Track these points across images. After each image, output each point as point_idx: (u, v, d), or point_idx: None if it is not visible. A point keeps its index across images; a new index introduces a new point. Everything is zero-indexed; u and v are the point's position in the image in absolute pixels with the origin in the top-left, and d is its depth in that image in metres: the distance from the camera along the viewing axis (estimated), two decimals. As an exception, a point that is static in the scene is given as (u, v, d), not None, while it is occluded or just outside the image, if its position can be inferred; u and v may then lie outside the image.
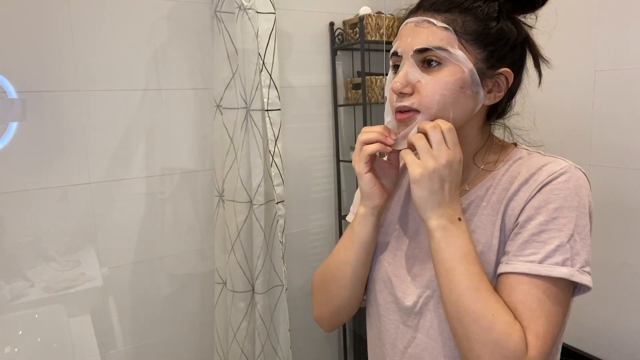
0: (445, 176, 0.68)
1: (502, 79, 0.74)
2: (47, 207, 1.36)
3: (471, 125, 0.76)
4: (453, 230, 0.68)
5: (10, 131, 1.30)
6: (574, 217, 0.68)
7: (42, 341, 1.37)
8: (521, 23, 0.76)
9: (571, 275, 0.65)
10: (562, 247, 0.66)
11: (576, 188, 0.69)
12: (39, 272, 1.37)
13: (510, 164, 0.75)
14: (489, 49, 0.71)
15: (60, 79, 1.35)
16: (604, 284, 1.46)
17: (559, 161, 0.72)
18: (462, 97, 0.71)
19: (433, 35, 0.70)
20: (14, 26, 1.28)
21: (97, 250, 1.45)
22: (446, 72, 0.70)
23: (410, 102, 0.72)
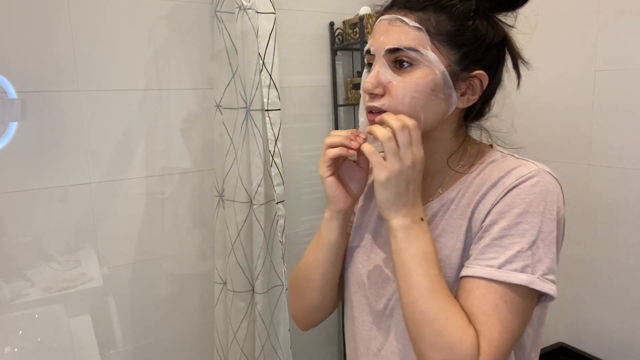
0: (410, 177, 0.67)
1: (476, 82, 0.71)
2: (47, 207, 1.36)
3: (445, 128, 0.74)
4: (415, 230, 0.67)
5: (10, 131, 1.30)
6: (538, 222, 0.64)
7: (42, 341, 1.37)
8: (499, 23, 0.73)
9: (530, 283, 0.62)
10: (522, 253, 0.63)
11: (543, 193, 0.66)
12: (39, 272, 1.37)
13: (484, 167, 0.73)
14: (462, 50, 0.69)
15: (60, 79, 1.35)
16: (604, 283, 1.46)
17: (528, 165, 0.69)
18: (433, 100, 0.69)
19: (405, 35, 0.68)
20: (14, 26, 1.28)
21: (97, 250, 1.45)
22: (417, 73, 0.68)
23: (380, 103, 0.70)
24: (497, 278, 0.62)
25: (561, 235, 0.69)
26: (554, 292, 0.64)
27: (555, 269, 0.66)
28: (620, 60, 1.36)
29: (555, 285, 0.64)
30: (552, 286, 0.64)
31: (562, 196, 0.69)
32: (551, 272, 0.65)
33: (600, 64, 1.41)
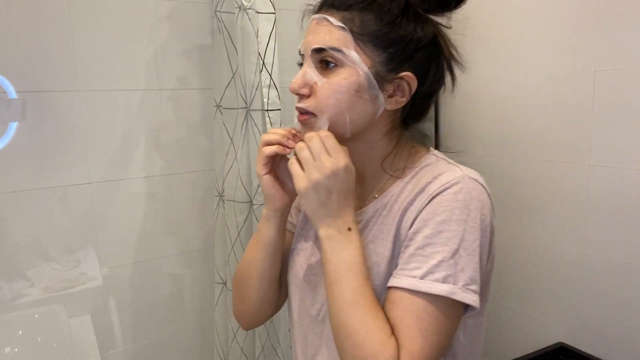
0: (332, 186, 0.65)
1: (404, 84, 0.69)
2: (47, 207, 1.36)
3: (375, 130, 0.73)
4: (340, 241, 0.66)
5: (10, 131, 1.30)
6: (460, 231, 0.63)
7: (42, 341, 1.37)
8: (431, 22, 0.71)
9: (452, 293, 0.61)
10: (444, 262, 0.62)
11: (466, 200, 0.64)
12: (39, 272, 1.37)
13: (417, 171, 0.72)
14: (388, 50, 0.67)
15: (60, 79, 1.35)
16: (604, 284, 1.46)
17: (454, 171, 0.68)
18: (358, 102, 0.68)
19: (330, 34, 0.67)
20: (13, 26, 1.28)
21: (97, 250, 1.45)
22: (342, 74, 0.67)
23: (307, 104, 0.69)
24: (419, 289, 0.61)
25: (488, 243, 0.67)
26: (476, 302, 0.62)
27: (477, 279, 0.63)
28: (620, 60, 1.36)
29: (477, 296, 0.62)
30: (473, 296, 0.62)
31: (489, 203, 0.67)
32: (473, 282, 0.62)
33: (600, 64, 1.41)
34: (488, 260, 0.68)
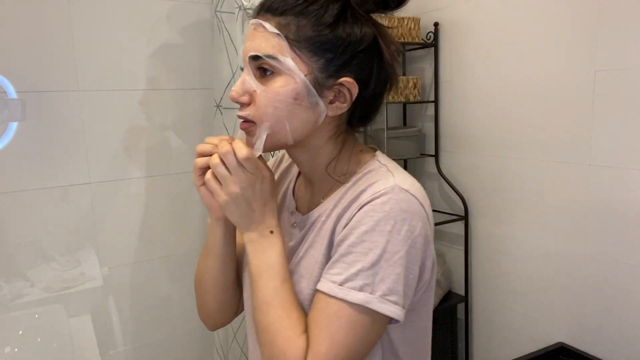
0: (250, 197, 0.67)
1: (344, 89, 0.67)
2: (47, 207, 1.36)
3: (319, 136, 0.71)
4: (261, 244, 0.68)
5: (10, 131, 1.30)
6: (382, 242, 0.62)
7: (42, 341, 1.37)
8: (370, 24, 0.69)
9: (367, 302, 0.61)
10: (363, 272, 0.62)
11: (393, 211, 0.63)
12: (39, 272, 1.37)
13: (360, 177, 0.70)
14: (326, 56, 0.65)
15: (60, 79, 1.35)
16: (604, 283, 1.46)
17: (387, 179, 0.66)
18: (298, 110, 0.66)
19: (266, 41, 0.65)
20: (14, 26, 1.28)
21: (97, 250, 1.45)
22: (278, 82, 0.65)
23: (246, 113, 0.68)
24: (336, 295, 0.62)
25: (420, 254, 0.65)
26: (394, 313, 0.62)
27: (399, 290, 0.62)
28: (620, 60, 1.36)
29: (397, 307, 0.62)
30: (392, 307, 0.62)
31: (421, 214, 0.65)
32: (393, 293, 0.62)
33: (600, 64, 1.41)
34: (424, 269, 0.67)
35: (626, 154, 1.37)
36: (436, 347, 1.92)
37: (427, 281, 0.69)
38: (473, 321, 1.94)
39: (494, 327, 1.85)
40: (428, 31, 1.91)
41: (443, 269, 1.95)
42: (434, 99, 1.94)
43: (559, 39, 1.50)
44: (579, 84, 1.46)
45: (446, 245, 2.02)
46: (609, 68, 1.39)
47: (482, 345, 1.92)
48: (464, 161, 1.88)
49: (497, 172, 1.76)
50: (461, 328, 1.97)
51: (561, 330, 1.60)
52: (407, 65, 2.09)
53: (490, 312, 1.86)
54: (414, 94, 1.92)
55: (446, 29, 1.88)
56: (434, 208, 2.00)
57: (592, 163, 1.45)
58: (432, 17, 1.91)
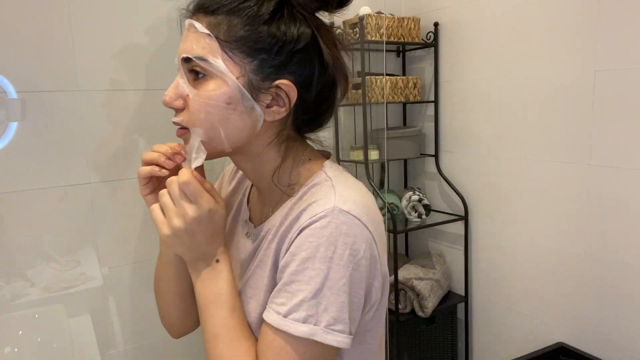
0: (195, 230, 0.63)
1: (282, 93, 0.63)
2: (47, 207, 1.36)
3: (259, 143, 0.67)
4: (207, 273, 0.65)
5: (10, 131, 1.30)
6: (324, 269, 0.58)
7: (42, 341, 1.37)
8: (309, 22, 0.64)
9: (312, 335, 0.58)
10: (305, 302, 0.58)
11: (334, 236, 0.59)
12: (39, 272, 1.36)
13: (305, 191, 0.65)
14: (260, 57, 0.61)
15: (60, 79, 1.35)
16: (604, 284, 1.46)
17: (328, 199, 0.61)
18: (232, 115, 0.62)
19: (196, 42, 0.62)
20: (13, 26, 1.28)
21: (97, 250, 1.45)
22: (210, 85, 0.61)
23: (180, 118, 0.65)
24: (280, 327, 0.59)
25: (365, 277, 0.61)
26: (341, 343, 0.59)
27: (344, 318, 0.59)
28: (620, 60, 1.36)
29: (343, 335, 0.59)
30: (338, 337, 0.59)
31: (364, 235, 0.61)
32: (338, 322, 0.59)
33: (600, 64, 1.41)
34: (371, 290, 0.63)
35: (626, 154, 1.37)
36: (436, 347, 1.92)
37: (378, 299, 0.66)
38: (473, 321, 1.94)
39: (494, 327, 1.85)
40: (428, 31, 1.91)
41: (443, 269, 1.95)
42: (434, 99, 1.94)
43: (559, 39, 1.50)
44: (579, 84, 1.46)
45: (446, 245, 2.02)
46: (609, 68, 1.39)
47: (482, 345, 1.92)
48: (464, 161, 1.88)
49: (497, 172, 1.76)
50: (461, 328, 1.97)
51: (561, 330, 1.60)
52: (407, 65, 2.09)
53: (490, 312, 1.86)
54: (414, 94, 1.92)
55: (446, 29, 1.88)
56: (434, 208, 2.00)
57: (592, 163, 1.45)
58: (432, 17, 1.91)
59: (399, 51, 2.07)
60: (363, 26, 1.71)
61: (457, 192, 1.89)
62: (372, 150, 1.83)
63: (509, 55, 1.66)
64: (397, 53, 2.07)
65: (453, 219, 1.90)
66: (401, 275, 1.85)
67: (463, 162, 1.89)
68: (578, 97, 1.47)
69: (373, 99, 1.78)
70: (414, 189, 1.95)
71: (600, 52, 1.40)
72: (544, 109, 1.57)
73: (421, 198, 1.88)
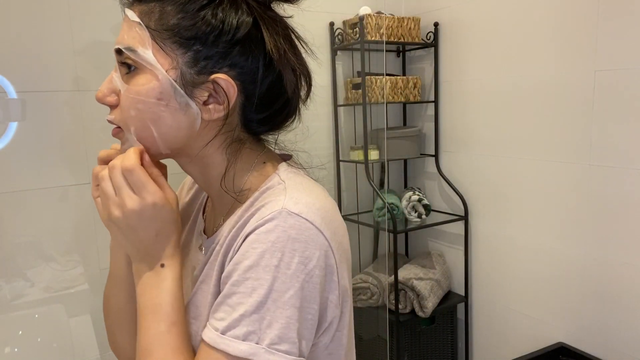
0: (136, 225, 0.56)
1: (219, 88, 0.56)
2: (47, 207, 1.36)
3: (199, 145, 0.60)
4: (150, 278, 0.58)
5: (10, 131, 1.30)
6: (269, 279, 0.51)
7: (42, 341, 1.37)
8: (250, 10, 0.57)
9: (252, 354, 0.50)
10: (246, 317, 0.51)
11: (281, 241, 0.52)
12: (39, 272, 1.37)
13: (257, 196, 0.59)
14: (194, 48, 0.55)
15: (60, 79, 1.35)
16: (604, 284, 1.46)
17: (277, 201, 0.55)
18: (164, 112, 0.56)
19: (128, 32, 0.57)
20: (13, 26, 1.28)
21: (97, 250, 1.45)
22: (140, 79, 0.56)
23: (112, 116, 0.60)
24: (217, 346, 0.51)
25: (319, 289, 0.54)
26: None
27: (291, 336, 0.52)
28: (620, 60, 1.36)
29: (291, 357, 0.51)
30: (282, 358, 0.51)
31: (318, 241, 0.54)
32: (284, 341, 0.51)
33: (600, 64, 1.41)
34: (327, 306, 0.56)
35: (626, 154, 1.37)
36: (436, 347, 1.92)
37: (337, 317, 0.58)
38: (473, 321, 1.94)
39: (494, 327, 1.85)
40: (428, 31, 1.91)
41: (443, 269, 1.95)
42: (434, 99, 1.94)
43: (559, 39, 1.50)
44: (579, 84, 1.46)
45: (446, 245, 2.02)
46: (609, 68, 1.39)
47: (482, 345, 1.92)
48: (464, 161, 1.88)
49: (497, 172, 1.76)
50: (461, 328, 1.97)
51: (561, 330, 1.60)
52: (407, 65, 2.09)
53: (490, 312, 1.86)
54: (414, 94, 1.92)
55: (446, 29, 1.88)
56: (434, 208, 2.00)
57: (592, 163, 1.45)
58: (432, 17, 1.91)
59: (399, 51, 2.07)
60: (363, 26, 1.71)
61: (457, 192, 1.89)
62: (372, 150, 1.83)
63: (509, 55, 1.66)
64: (397, 53, 2.07)
65: (453, 219, 1.90)
66: (401, 275, 1.85)
67: (463, 162, 1.89)
68: (578, 97, 1.47)
69: (373, 99, 1.78)
70: (414, 189, 1.95)
71: (600, 52, 1.40)
72: (544, 109, 1.57)
73: (421, 198, 1.88)
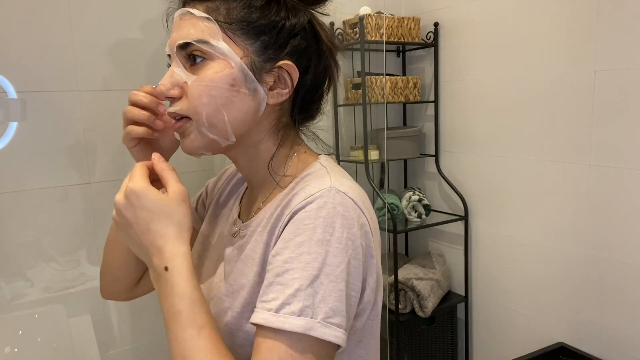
0: (127, 217, 0.60)
1: (284, 74, 0.62)
2: (47, 207, 1.36)
3: (260, 130, 0.65)
4: (161, 285, 0.57)
5: (10, 131, 1.30)
6: (322, 253, 0.53)
7: (42, 341, 1.37)
8: (302, 8, 0.65)
9: (309, 329, 0.50)
10: (302, 291, 0.51)
11: (330, 217, 0.54)
12: (39, 272, 1.36)
13: (298, 181, 0.63)
14: (261, 39, 0.61)
15: (60, 79, 1.35)
16: (604, 284, 1.46)
17: (324, 181, 0.58)
18: (236, 97, 0.60)
19: (194, 27, 0.61)
20: (13, 26, 1.28)
21: (97, 250, 1.45)
22: (212, 68, 0.60)
23: (178, 107, 0.62)
24: (272, 325, 0.51)
25: (361, 267, 0.56)
26: (338, 339, 0.52)
27: (342, 310, 0.53)
28: (620, 60, 1.36)
29: (340, 331, 0.52)
30: (335, 332, 0.52)
31: (362, 220, 0.57)
32: (336, 314, 0.52)
33: (600, 64, 1.41)
34: (366, 287, 0.58)
35: (626, 154, 1.37)
36: (436, 347, 1.92)
37: (371, 303, 0.59)
38: (473, 321, 1.94)
39: (494, 327, 1.85)
40: (428, 31, 1.91)
41: (443, 269, 1.95)
42: (434, 99, 1.95)
43: (559, 39, 1.50)
44: (579, 84, 1.46)
45: (446, 245, 2.02)
46: (609, 68, 1.39)
47: (482, 345, 1.92)
48: (464, 161, 1.88)
49: (497, 172, 1.76)
50: (461, 328, 1.97)
51: (561, 330, 1.60)
52: (407, 65, 2.09)
53: (490, 312, 1.86)
54: (414, 94, 1.92)
55: (446, 29, 1.88)
56: (434, 208, 2.00)
57: (592, 163, 1.45)
58: (432, 17, 1.91)
59: (399, 51, 2.07)
60: (363, 26, 1.71)
61: (457, 192, 1.89)
62: (372, 150, 1.83)
63: (509, 55, 1.66)
64: (397, 53, 2.07)
65: (453, 219, 1.90)
66: (401, 275, 1.85)
67: (463, 162, 1.89)
68: (578, 97, 1.47)
69: (373, 99, 1.78)
70: (414, 189, 1.95)
71: (600, 52, 1.40)
72: (544, 109, 1.57)
73: (421, 198, 1.88)
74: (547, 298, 1.63)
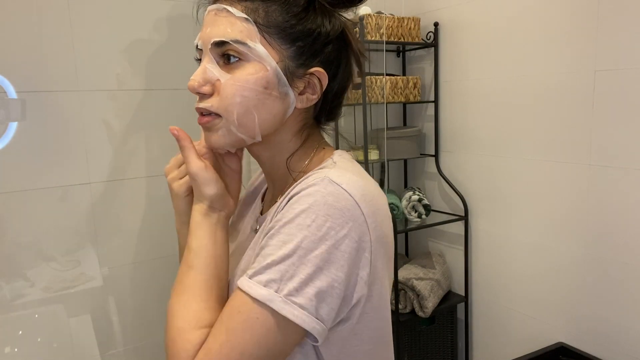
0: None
1: (314, 80, 0.64)
2: (47, 207, 1.36)
3: (286, 131, 0.67)
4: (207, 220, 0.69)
5: (10, 131, 1.30)
6: (300, 237, 0.55)
7: (42, 341, 1.37)
8: (336, 16, 0.67)
9: (269, 300, 0.53)
10: (273, 265, 0.55)
11: (317, 205, 0.56)
12: (39, 272, 1.36)
13: (311, 174, 0.64)
14: (297, 44, 0.62)
15: (60, 79, 1.35)
16: (604, 284, 1.46)
17: (325, 172, 0.60)
18: (267, 99, 0.62)
19: (232, 26, 0.60)
20: (14, 26, 1.28)
21: (97, 250, 1.45)
22: (247, 69, 0.61)
23: (209, 104, 0.63)
24: (242, 287, 0.55)
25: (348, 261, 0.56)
26: (297, 318, 0.53)
27: (309, 293, 0.54)
28: (620, 60, 1.36)
29: (304, 312, 0.54)
30: (296, 311, 0.53)
31: (354, 214, 0.57)
32: (300, 295, 0.54)
33: (600, 64, 1.41)
34: (357, 281, 0.58)
35: (626, 154, 1.37)
36: (436, 347, 1.92)
37: (365, 297, 0.59)
38: (473, 321, 1.94)
39: (494, 327, 1.85)
40: (428, 31, 1.91)
41: (443, 269, 1.95)
42: (434, 99, 1.95)
43: (559, 39, 1.51)
44: (579, 84, 1.46)
45: (446, 245, 2.02)
46: (609, 68, 1.39)
47: (482, 345, 1.92)
48: (464, 161, 1.88)
49: (497, 172, 1.76)
50: (461, 328, 1.97)
51: (561, 330, 1.60)
52: (407, 65, 2.09)
53: (490, 312, 1.86)
54: (414, 94, 1.92)
55: (446, 29, 1.88)
56: (434, 208, 2.00)
57: (592, 163, 1.45)
58: (432, 17, 1.91)
59: (399, 51, 2.07)
60: (363, 26, 1.71)
61: (457, 192, 1.89)
62: (372, 150, 1.83)
63: (509, 55, 1.66)
64: (397, 53, 2.07)
65: (453, 219, 1.90)
66: (401, 275, 1.85)
67: (463, 162, 1.89)
68: (578, 97, 1.47)
69: (373, 99, 1.78)
70: (414, 189, 1.95)
71: (600, 52, 1.40)
72: (544, 109, 1.57)
73: (421, 198, 1.88)
74: (547, 298, 1.63)
